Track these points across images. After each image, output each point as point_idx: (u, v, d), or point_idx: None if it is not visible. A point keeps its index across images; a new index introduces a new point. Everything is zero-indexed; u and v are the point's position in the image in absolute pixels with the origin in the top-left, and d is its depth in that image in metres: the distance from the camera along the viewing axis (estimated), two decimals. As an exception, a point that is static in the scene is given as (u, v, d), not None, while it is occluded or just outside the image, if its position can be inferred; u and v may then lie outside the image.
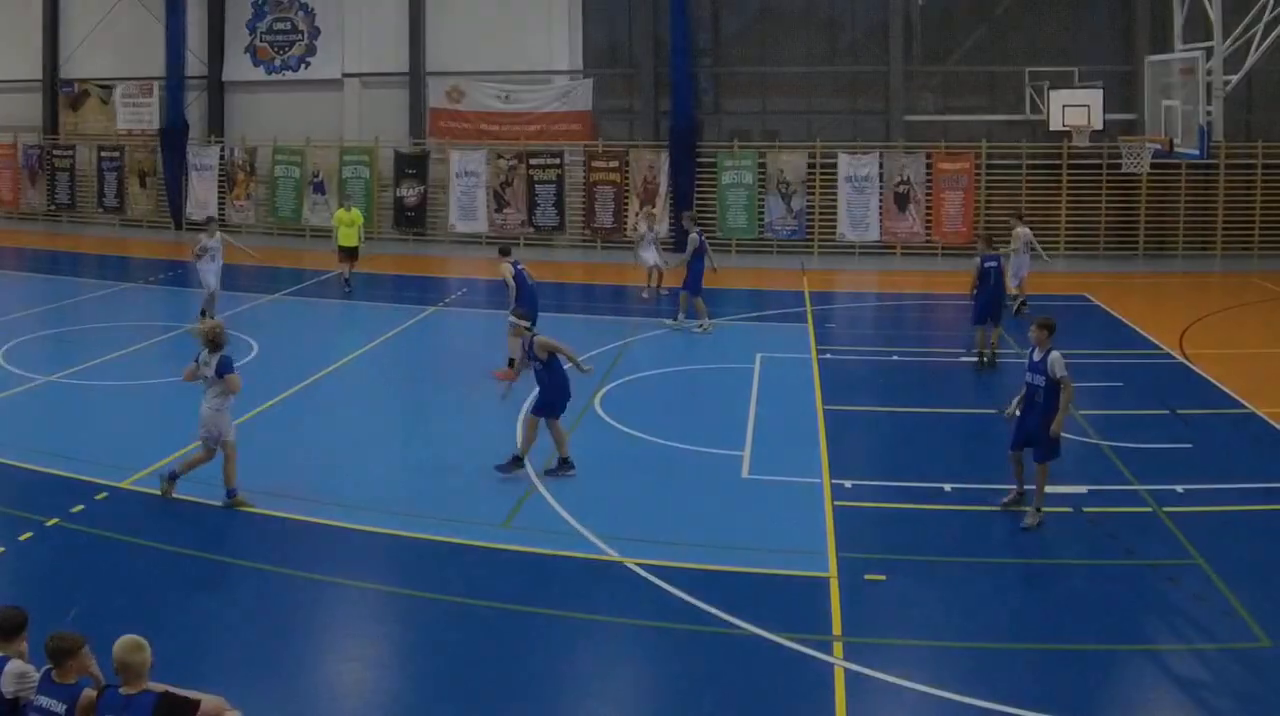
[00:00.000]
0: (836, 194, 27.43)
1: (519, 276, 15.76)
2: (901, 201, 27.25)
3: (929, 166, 27.15)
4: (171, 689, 5.75)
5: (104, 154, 32.47)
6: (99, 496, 11.03)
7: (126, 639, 5.72)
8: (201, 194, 31.45)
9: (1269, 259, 25.64)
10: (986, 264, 16.47)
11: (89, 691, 5.76)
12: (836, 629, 8.58)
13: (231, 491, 10.84)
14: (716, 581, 9.31)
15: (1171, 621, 8.82)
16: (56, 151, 33.12)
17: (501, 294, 17.10)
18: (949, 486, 11.45)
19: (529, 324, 13.36)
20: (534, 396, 12.15)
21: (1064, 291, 22.31)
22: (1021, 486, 10.76)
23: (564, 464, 11.85)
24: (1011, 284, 19.14)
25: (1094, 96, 24.48)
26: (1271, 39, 19.68)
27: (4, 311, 20.18)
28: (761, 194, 27.90)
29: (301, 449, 12.80)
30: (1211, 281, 24.85)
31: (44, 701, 5.74)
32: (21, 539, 9.94)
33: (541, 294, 16.81)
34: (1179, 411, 14.23)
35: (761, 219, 27.92)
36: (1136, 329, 19.27)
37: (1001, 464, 11.28)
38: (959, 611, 8.94)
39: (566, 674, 8.06)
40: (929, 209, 27.21)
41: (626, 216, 28.30)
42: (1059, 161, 26.61)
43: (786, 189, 27.72)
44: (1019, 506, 10.73)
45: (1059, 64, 26.01)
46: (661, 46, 28.62)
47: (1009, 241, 19.98)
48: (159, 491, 10.99)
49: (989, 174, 26.95)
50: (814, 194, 27.53)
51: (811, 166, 27.50)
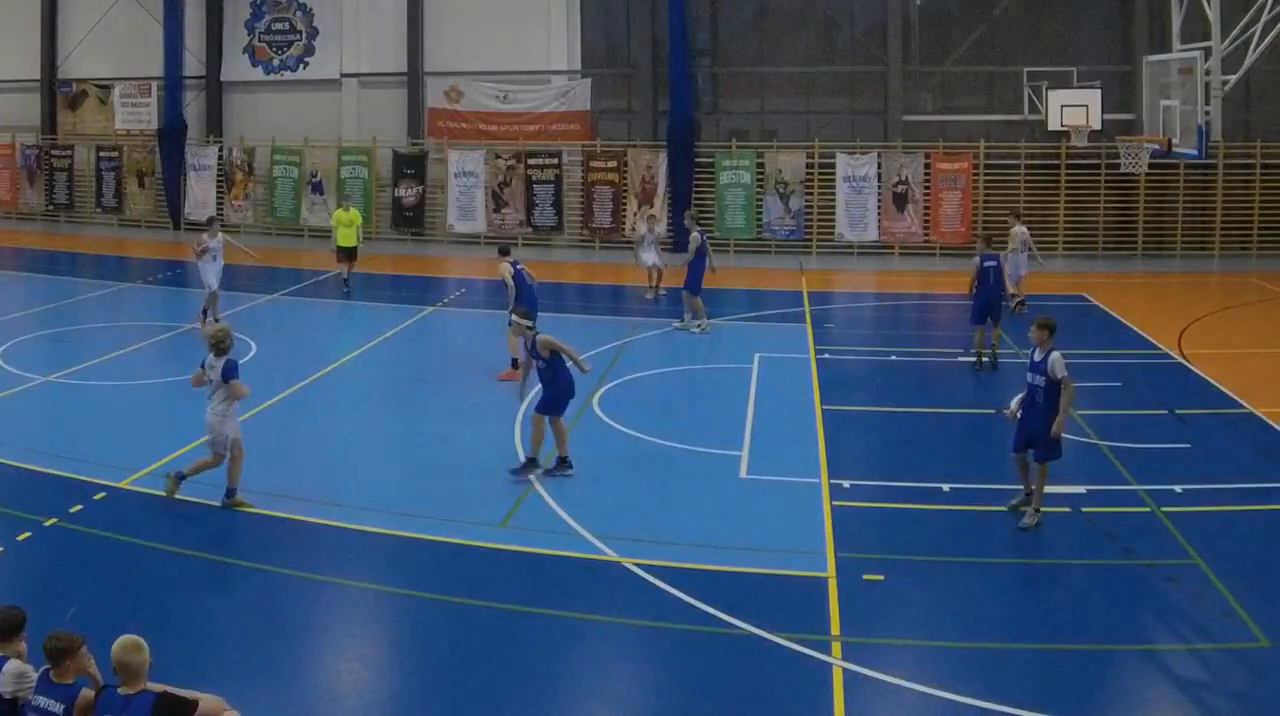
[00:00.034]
0: (835, 194, 27.41)
1: (518, 276, 15.77)
2: (900, 201, 27.24)
3: (927, 166, 27.12)
4: (170, 689, 5.75)
5: (102, 154, 32.43)
6: (97, 496, 11.03)
7: (125, 639, 5.73)
8: (200, 194, 31.42)
9: (1267, 259, 25.64)
10: (986, 263, 16.46)
11: (87, 691, 5.76)
12: (835, 629, 8.58)
13: (231, 491, 10.85)
14: (715, 581, 9.31)
15: (1170, 621, 8.83)
16: (55, 151, 33.07)
17: (500, 294, 17.10)
18: (947, 486, 11.46)
19: (531, 323, 13.36)
20: (537, 395, 12.17)
21: (1062, 291, 22.31)
22: (1029, 487, 10.74)
23: (562, 463, 11.86)
24: (1009, 283, 19.11)
25: (1092, 96, 24.52)
26: (1270, 39, 19.71)
27: (3, 311, 20.15)
28: (760, 194, 27.88)
29: (300, 449, 12.79)
30: (1210, 281, 24.86)
31: (42, 701, 5.75)
32: (20, 539, 9.94)
33: (540, 294, 16.80)
34: (1177, 411, 14.25)
35: (760, 219, 27.90)
36: (1135, 329, 19.28)
37: (1000, 463, 11.29)
38: (957, 611, 8.95)
39: (565, 673, 8.05)
40: (927, 209, 27.19)
41: (625, 216, 28.30)
42: (1057, 162, 26.62)
43: (785, 189, 27.70)
44: (1027, 507, 10.70)
45: (1057, 64, 26.02)
46: (660, 46, 28.61)
47: (1007, 241, 20.00)
48: (164, 491, 10.98)
49: (987, 174, 26.93)
50: (812, 194, 27.52)
51: (810, 166, 27.50)
